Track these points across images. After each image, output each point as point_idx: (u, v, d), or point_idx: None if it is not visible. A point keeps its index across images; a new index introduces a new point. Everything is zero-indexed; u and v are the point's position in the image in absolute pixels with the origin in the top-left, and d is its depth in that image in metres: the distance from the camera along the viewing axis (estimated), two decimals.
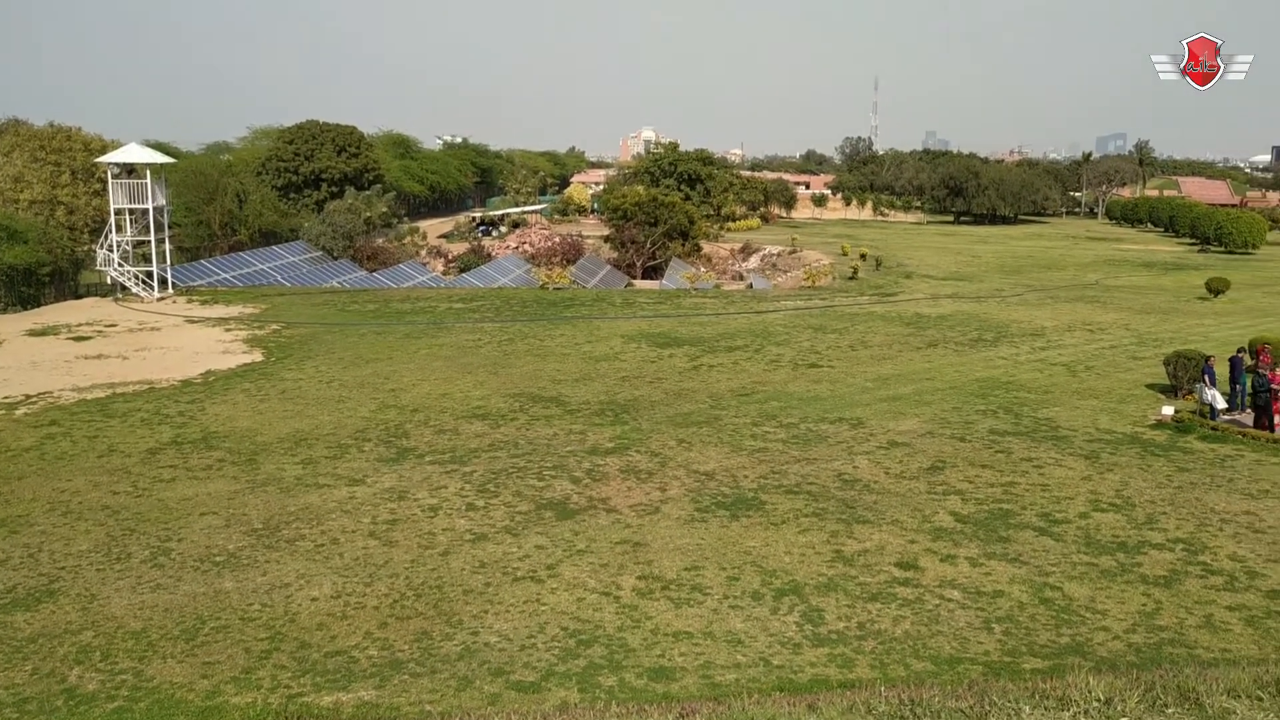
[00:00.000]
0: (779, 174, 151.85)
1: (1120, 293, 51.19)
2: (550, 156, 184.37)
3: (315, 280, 53.16)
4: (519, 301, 45.53)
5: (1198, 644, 12.88)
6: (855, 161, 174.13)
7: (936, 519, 17.56)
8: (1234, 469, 20.65)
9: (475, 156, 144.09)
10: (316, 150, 74.23)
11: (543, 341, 35.18)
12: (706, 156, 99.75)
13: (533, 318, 40.70)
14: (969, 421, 24.25)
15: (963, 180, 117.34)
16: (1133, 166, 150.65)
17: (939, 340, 35.77)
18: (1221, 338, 33.98)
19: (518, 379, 29.01)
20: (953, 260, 68.02)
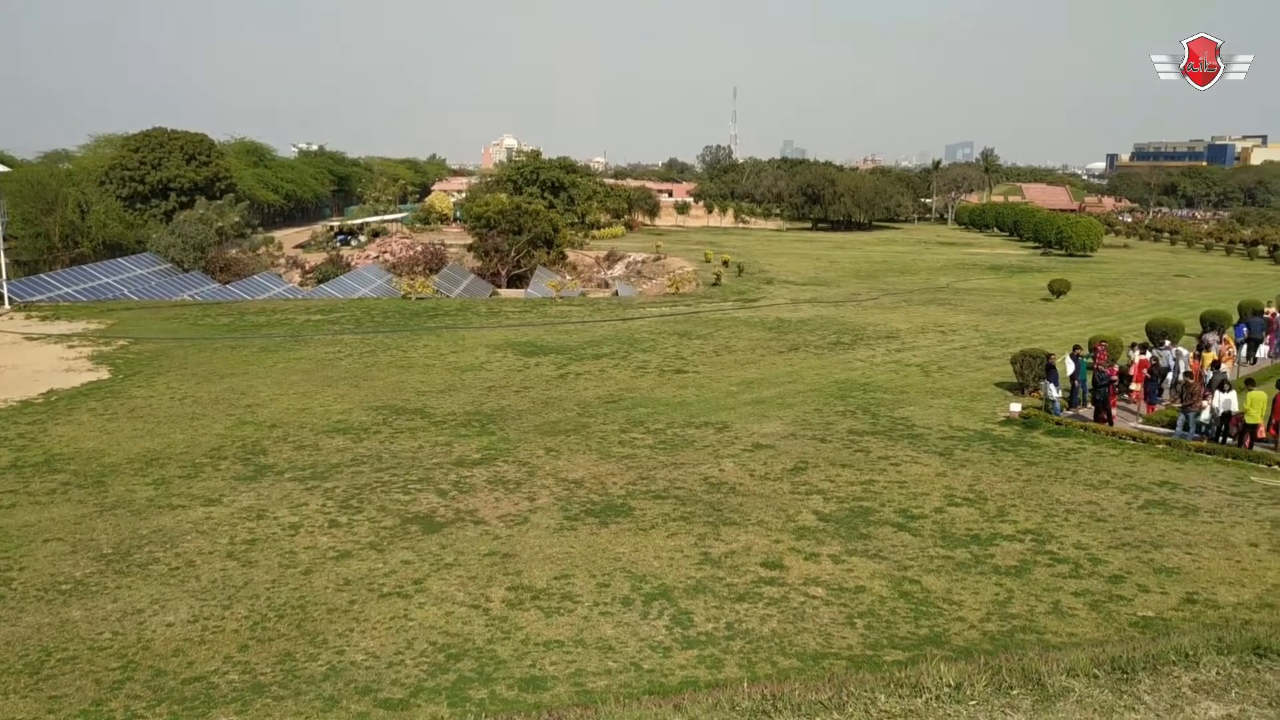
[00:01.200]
0: (642, 182, 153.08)
1: (970, 295, 53.31)
2: (411, 164, 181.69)
3: (165, 294, 51.12)
4: (380, 312, 44.69)
5: (1046, 629, 13.49)
6: (716, 170, 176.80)
7: (800, 518, 17.95)
8: (1077, 461, 21.72)
9: (333, 164, 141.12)
10: (164, 159, 71.48)
11: (406, 352, 34.62)
12: (569, 164, 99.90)
13: (395, 328, 40.01)
14: (829, 422, 24.89)
15: (820, 188, 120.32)
16: (979, 174, 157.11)
17: (800, 344, 36.60)
18: (1064, 336, 35.70)
19: (380, 391, 28.48)
20: (812, 266, 69.72)
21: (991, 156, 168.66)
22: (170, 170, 70.81)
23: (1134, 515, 18.14)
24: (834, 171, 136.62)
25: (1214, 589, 14.81)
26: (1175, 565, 15.76)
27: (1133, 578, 15.29)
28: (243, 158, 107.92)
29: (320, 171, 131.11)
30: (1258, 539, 16.83)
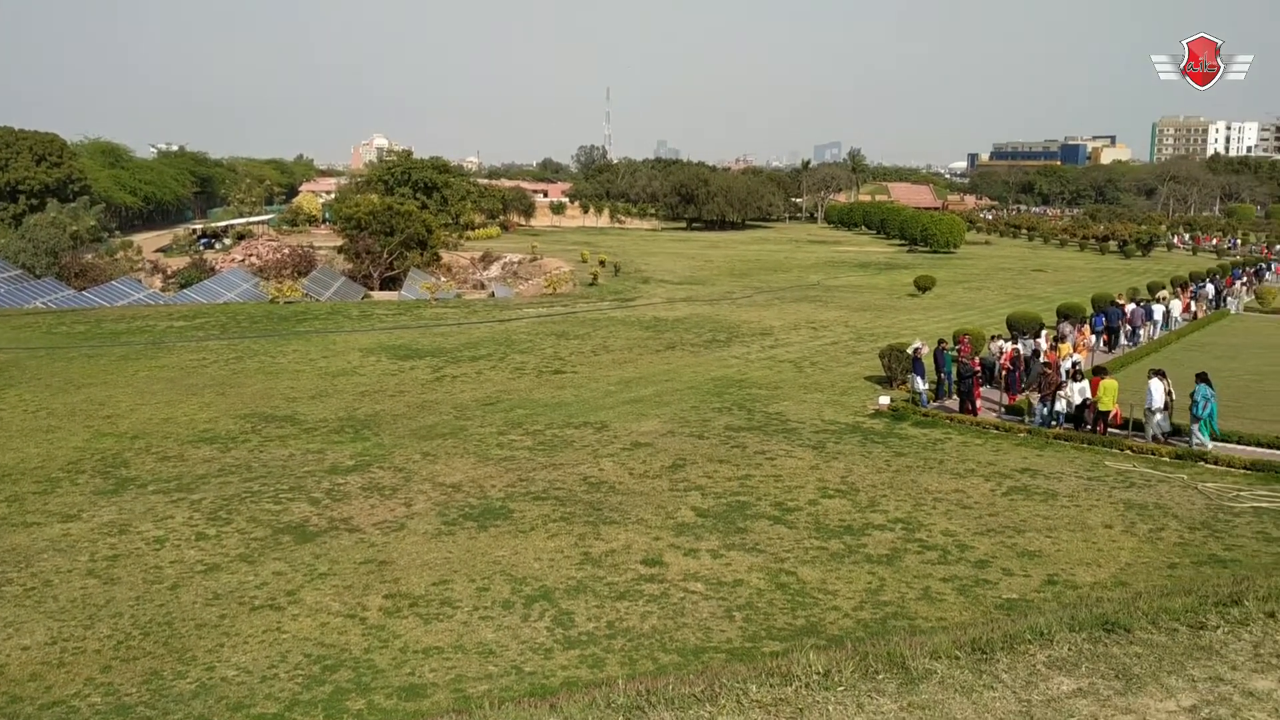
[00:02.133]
0: (517, 182, 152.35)
1: (840, 292, 54.62)
2: (277, 164, 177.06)
3: (15, 301, 48.56)
4: (247, 317, 43.37)
5: (917, 615, 13.90)
6: (591, 170, 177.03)
7: (679, 515, 18.10)
8: (944, 451, 22.45)
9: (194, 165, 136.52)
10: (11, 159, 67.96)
11: (274, 358, 33.68)
12: (442, 164, 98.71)
13: (263, 334, 38.88)
14: (706, 419, 25.17)
15: (693, 188, 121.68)
16: (847, 173, 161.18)
17: (677, 342, 36.93)
18: (930, 330, 36.83)
19: (248, 399, 27.64)
20: (687, 265, 70.44)
21: (859, 157, 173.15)
22: (18, 171, 67.35)
23: (998, 502, 18.83)
24: (707, 172, 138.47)
25: (1073, 570, 15.47)
26: (1037, 548, 16.41)
27: (997, 562, 15.87)
28: (98, 159, 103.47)
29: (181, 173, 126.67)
30: (1112, 521, 17.65)
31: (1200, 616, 4.52)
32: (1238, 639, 4.25)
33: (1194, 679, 3.81)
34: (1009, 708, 3.87)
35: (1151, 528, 17.22)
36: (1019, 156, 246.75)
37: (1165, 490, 19.35)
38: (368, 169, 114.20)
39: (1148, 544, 16.48)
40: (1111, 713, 3.71)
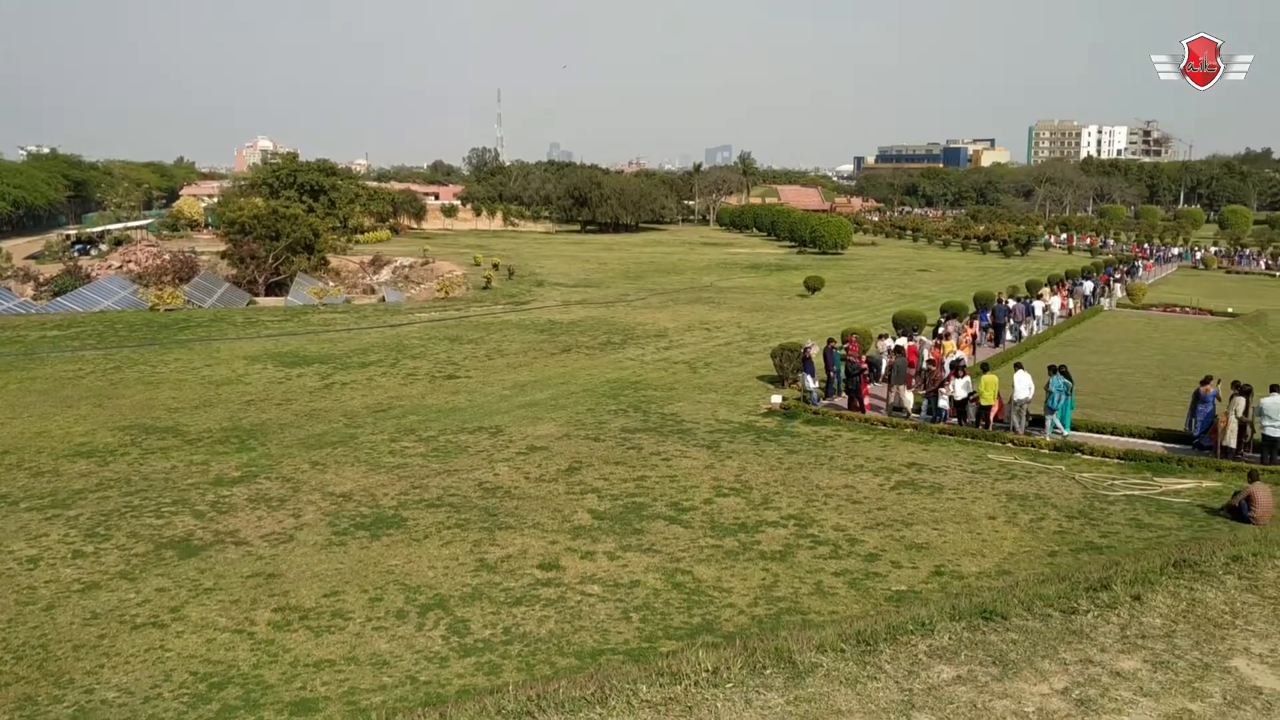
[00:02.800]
0: (407, 185, 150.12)
1: (732, 293, 55.26)
2: (156, 168, 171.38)
3: None
4: (126, 326, 41.83)
5: (810, 609, 14.12)
6: (483, 172, 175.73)
7: (576, 518, 18.07)
8: (834, 448, 22.88)
9: (67, 168, 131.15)
10: None
11: (155, 368, 32.57)
12: (329, 167, 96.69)
13: (142, 343, 37.56)
14: (602, 422, 25.19)
15: (587, 190, 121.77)
16: (738, 176, 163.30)
17: (572, 345, 36.88)
18: (820, 330, 37.51)
19: (128, 410, 26.67)
20: (581, 268, 70.42)
21: (749, 160, 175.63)
22: None
23: (886, 496, 19.27)
24: (600, 174, 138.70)
25: (959, 561, 15.92)
26: (924, 541, 16.84)
27: (887, 555, 16.23)
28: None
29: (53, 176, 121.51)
30: (995, 512, 18.22)
31: (1072, 602, 4.70)
32: (1106, 622, 4.43)
33: (1066, 662, 3.96)
34: (891, 697, 3.96)
35: (1032, 517, 17.83)
36: (903, 159, 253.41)
37: (1045, 481, 20.06)
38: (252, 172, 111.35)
39: (1029, 533, 17.05)
40: (989, 698, 3.83)
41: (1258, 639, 4.27)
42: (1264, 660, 4.06)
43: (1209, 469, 20.46)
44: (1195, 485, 19.61)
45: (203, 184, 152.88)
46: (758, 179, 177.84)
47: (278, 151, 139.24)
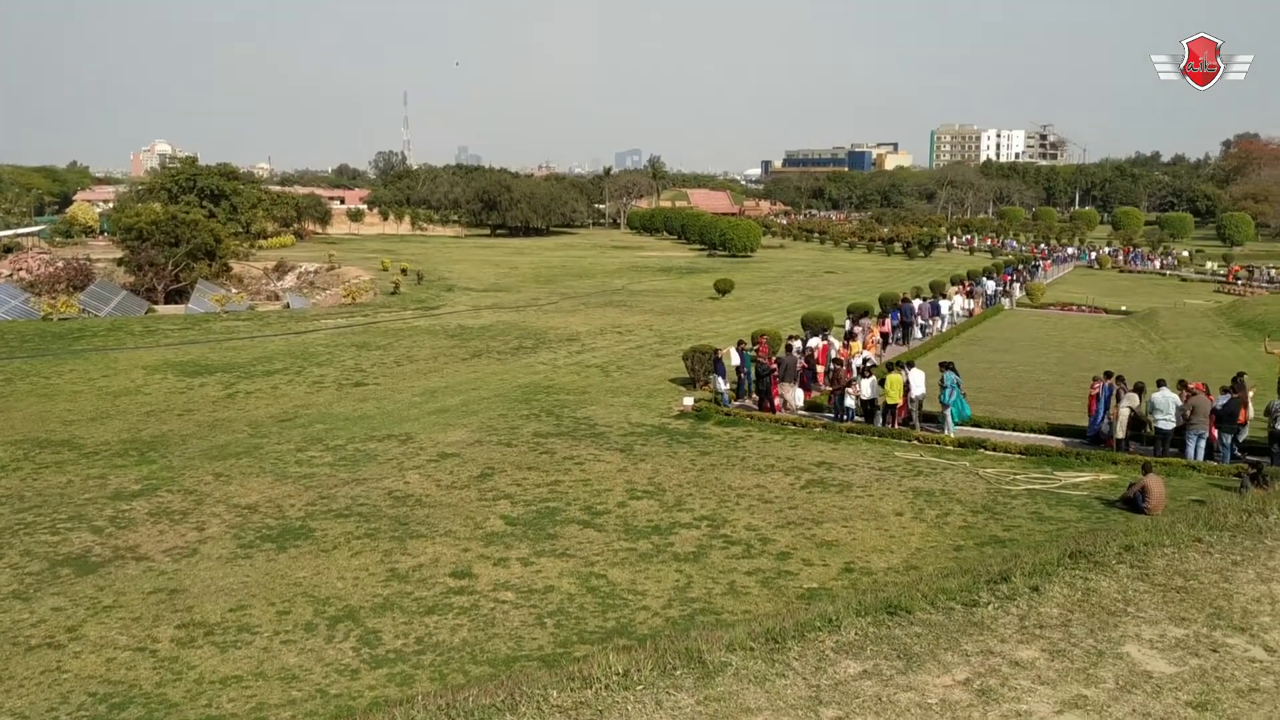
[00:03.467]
0: (311, 189, 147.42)
1: (643, 296, 55.44)
2: (47, 172, 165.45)
3: None
4: (16, 336, 40.26)
5: (723, 609, 14.23)
6: (390, 176, 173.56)
7: (488, 524, 17.93)
8: (745, 448, 23.09)
9: None
10: None
11: (49, 379, 31.43)
12: (231, 171, 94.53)
13: (35, 353, 36.21)
14: (514, 427, 25.05)
15: (496, 194, 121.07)
16: (648, 180, 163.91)
17: (483, 350, 36.61)
18: (730, 332, 37.85)
19: (20, 423, 25.68)
20: (492, 272, 69.97)
21: (658, 163, 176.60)
22: None
23: (797, 495, 19.51)
24: (510, 178, 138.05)
25: (868, 557, 16.20)
26: (834, 538, 17.10)
27: (798, 553, 16.44)
28: None
29: None
30: (902, 508, 18.58)
31: (973, 595, 4.82)
32: (1006, 613, 4.55)
33: (967, 653, 4.06)
34: (799, 693, 4.01)
35: (938, 513, 18.23)
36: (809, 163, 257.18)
37: (950, 477, 20.52)
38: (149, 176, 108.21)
39: (935, 529, 17.43)
40: (894, 691, 3.90)
41: (1148, 625, 4.43)
42: (1154, 645, 4.21)
43: (1105, 462, 21.15)
44: (1093, 478, 20.25)
45: (98, 189, 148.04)
46: (668, 183, 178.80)
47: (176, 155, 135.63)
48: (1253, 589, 4.98)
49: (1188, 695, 3.79)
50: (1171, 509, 16.42)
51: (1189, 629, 4.41)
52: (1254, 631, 4.42)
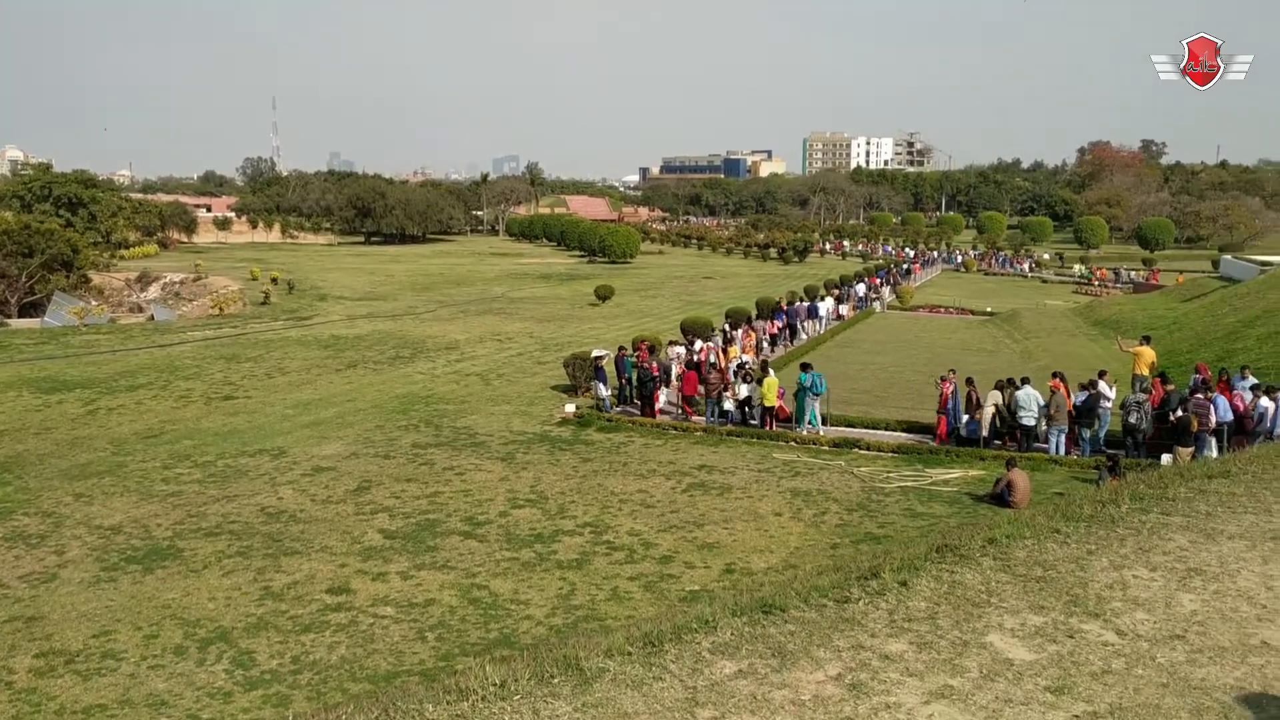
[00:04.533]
0: (176, 196, 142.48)
1: (523, 303, 55.17)
2: None
3: None
4: None
5: (607, 615, 14.25)
6: (259, 183, 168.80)
7: (366, 539, 17.58)
8: (627, 454, 23.17)
9: None
10: None
11: None
12: (89, 178, 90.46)
13: None
14: (392, 438, 24.63)
15: (370, 201, 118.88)
16: (526, 186, 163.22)
17: (358, 360, 35.90)
18: (611, 338, 37.94)
19: None
20: (367, 280, 68.68)
21: (536, 170, 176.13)
22: None
23: (679, 499, 19.68)
24: (384, 184, 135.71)
25: (748, 558, 16.43)
26: (715, 540, 17.29)
27: (680, 556, 16.58)
28: None
29: None
30: (781, 509, 18.91)
31: (845, 591, 4.93)
32: (876, 608, 4.67)
33: (839, 649, 4.15)
34: (676, 695, 4.05)
35: (816, 512, 18.61)
36: (686, 170, 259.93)
37: (826, 476, 20.97)
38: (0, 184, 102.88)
39: (813, 528, 17.79)
40: (768, 689, 3.97)
41: (1009, 614, 4.60)
42: (1014, 634, 4.37)
43: (973, 459, 21.92)
44: (962, 474, 20.96)
45: None
46: (546, 189, 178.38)
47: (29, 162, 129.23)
48: (1106, 576, 5.22)
49: (1046, 680, 3.95)
50: (1036, 502, 17.11)
51: (1047, 617, 4.60)
52: (1107, 617, 4.63)
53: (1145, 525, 6.17)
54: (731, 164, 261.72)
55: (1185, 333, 39.71)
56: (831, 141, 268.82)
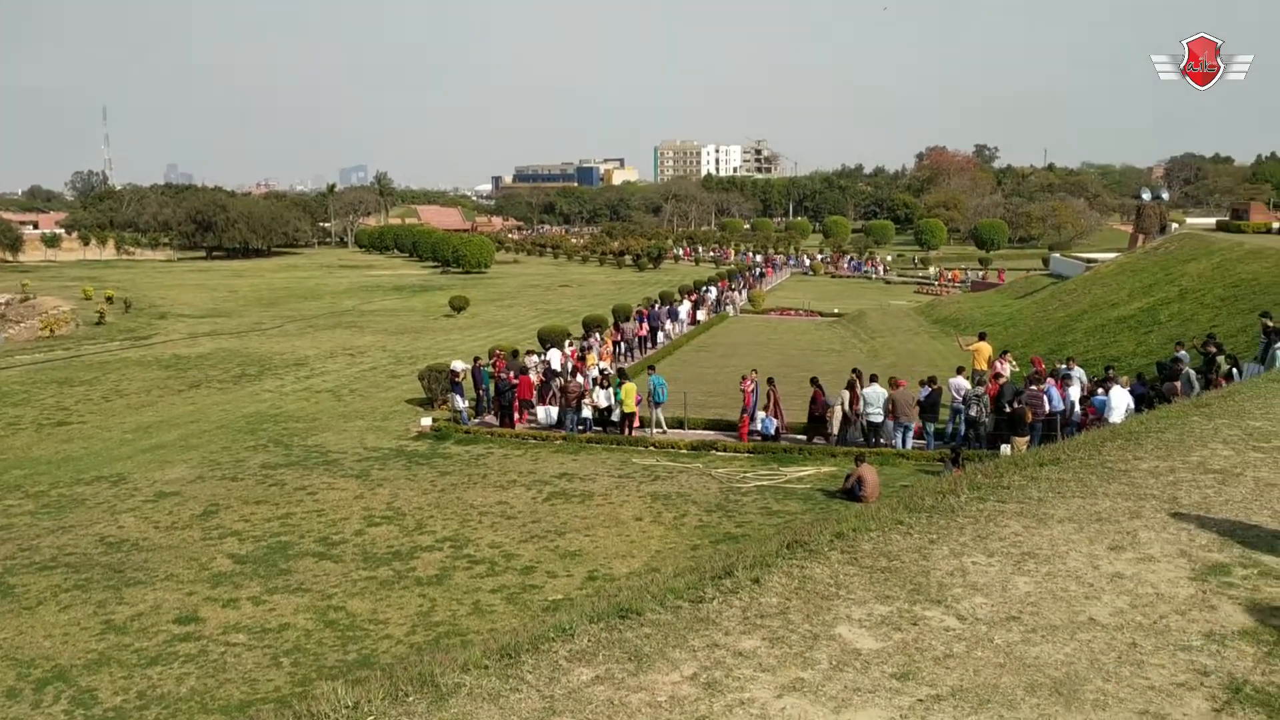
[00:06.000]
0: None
1: (375, 316, 54.10)
2: None
3: None
4: None
5: (469, 630, 14.08)
6: (90, 198, 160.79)
7: (215, 565, 16.94)
8: (487, 465, 22.96)
9: None
10: None
11: None
12: None
13: None
14: (240, 459, 23.81)
15: (211, 214, 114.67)
16: (375, 196, 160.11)
17: (202, 380, 34.58)
18: (467, 349, 37.56)
19: None
20: (209, 297, 66.21)
21: (386, 180, 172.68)
22: None
23: (540, 508, 19.61)
24: (226, 197, 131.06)
25: (610, 564, 16.50)
26: (578, 548, 17.30)
27: (542, 566, 16.52)
28: None
29: None
30: (642, 513, 19.05)
31: (700, 591, 5.00)
32: (729, 606, 4.76)
33: (694, 649, 4.21)
34: (533, 705, 4.04)
35: (676, 515, 18.82)
36: (539, 179, 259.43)
37: (685, 479, 21.23)
38: None
39: (673, 530, 17.98)
40: (625, 693, 4.00)
41: (857, 605, 4.75)
42: (861, 624, 4.52)
43: (825, 455, 22.54)
44: (815, 471, 21.53)
45: None
46: (396, 199, 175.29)
47: None
48: (947, 564, 5.45)
49: (892, 667, 4.09)
50: (885, 495, 17.69)
51: (892, 606, 4.77)
52: (948, 603, 4.83)
53: (983, 513, 6.46)
54: (585, 172, 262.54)
55: (1020, 328, 41.76)
56: (682, 149, 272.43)
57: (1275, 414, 8.88)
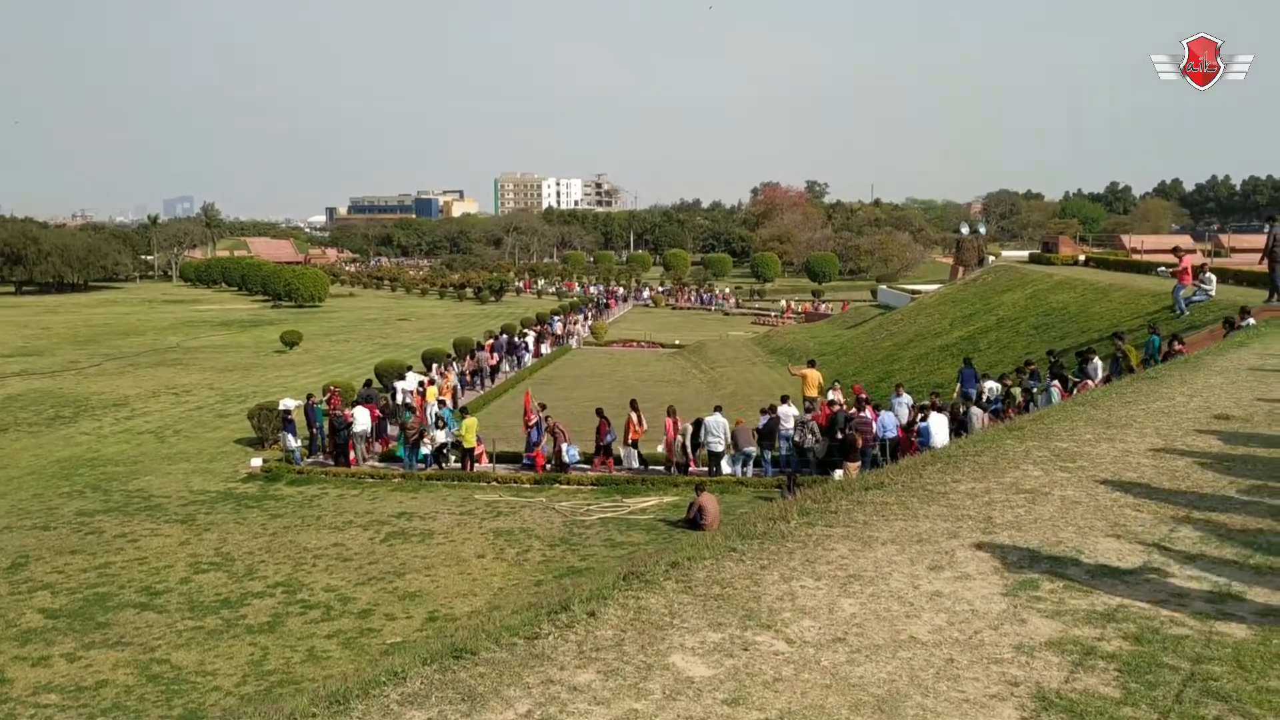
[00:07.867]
0: None
1: (202, 353, 51.95)
2: None
3: None
4: None
5: (303, 677, 13.59)
6: None
7: (24, 620, 15.88)
8: (321, 507, 22.29)
9: None
10: None
11: None
12: None
13: None
14: (53, 507, 22.43)
15: (20, 247, 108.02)
16: (202, 228, 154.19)
17: (10, 424, 32.48)
18: (300, 386, 36.44)
19: None
20: (18, 334, 62.27)
21: (212, 211, 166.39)
22: None
23: (377, 549, 19.14)
24: (37, 228, 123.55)
25: (452, 603, 16.22)
26: (417, 589, 16.95)
27: (380, 609, 16.12)
28: None
29: None
30: (484, 550, 18.83)
31: (536, 627, 4.98)
32: (565, 641, 4.75)
33: (529, 686, 4.19)
34: None
35: (519, 551, 18.67)
36: (376, 210, 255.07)
37: (528, 514, 21.11)
38: None
39: (516, 567, 17.83)
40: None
41: (690, 634, 4.81)
42: (694, 652, 4.59)
43: (668, 485, 22.79)
44: (657, 501, 21.73)
45: None
46: (224, 231, 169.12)
47: None
48: (777, 589, 5.58)
49: (723, 694, 4.16)
50: (726, 523, 17.98)
51: (725, 632, 4.85)
52: (778, 627, 4.95)
53: (811, 538, 6.64)
54: (423, 204, 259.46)
55: (850, 357, 43.28)
56: (523, 182, 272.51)
57: (1080, 436, 9.45)
